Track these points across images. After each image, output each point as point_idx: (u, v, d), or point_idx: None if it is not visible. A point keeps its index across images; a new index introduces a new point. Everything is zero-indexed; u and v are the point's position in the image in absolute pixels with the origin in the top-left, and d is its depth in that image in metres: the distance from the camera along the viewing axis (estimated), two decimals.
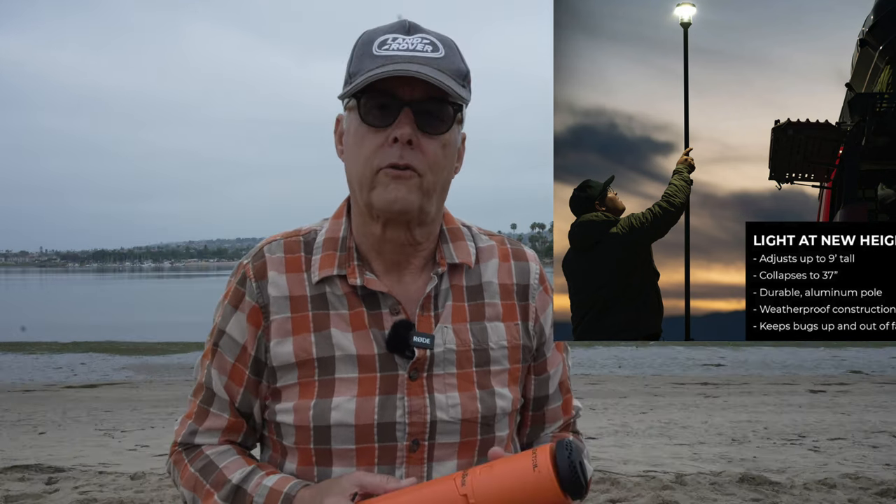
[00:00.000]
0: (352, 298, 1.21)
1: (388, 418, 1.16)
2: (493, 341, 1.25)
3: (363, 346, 1.19)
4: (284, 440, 1.21)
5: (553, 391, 1.36)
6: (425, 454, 1.18)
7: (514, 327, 1.28)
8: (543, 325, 1.32)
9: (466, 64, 1.21)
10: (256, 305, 1.22)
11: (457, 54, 1.19)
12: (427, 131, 1.15)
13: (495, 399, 1.22)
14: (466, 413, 1.19)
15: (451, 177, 1.23)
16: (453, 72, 1.16)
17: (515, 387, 1.27)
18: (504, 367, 1.25)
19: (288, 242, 1.26)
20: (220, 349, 1.25)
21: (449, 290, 1.25)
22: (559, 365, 1.37)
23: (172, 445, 1.30)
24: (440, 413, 1.18)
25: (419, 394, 1.18)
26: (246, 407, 1.25)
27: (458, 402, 1.19)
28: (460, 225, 1.32)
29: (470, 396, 1.20)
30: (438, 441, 1.19)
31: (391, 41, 1.15)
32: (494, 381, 1.23)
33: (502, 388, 1.24)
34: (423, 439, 1.18)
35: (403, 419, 1.17)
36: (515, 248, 1.34)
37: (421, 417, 1.17)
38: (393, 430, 1.16)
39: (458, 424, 1.19)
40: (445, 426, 1.18)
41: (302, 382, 1.19)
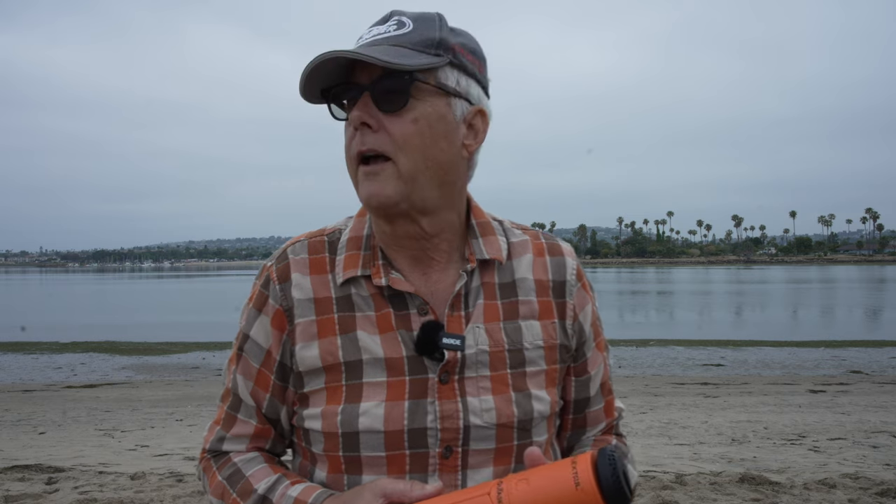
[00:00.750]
0: (378, 299, 1.16)
1: (418, 424, 1.11)
2: (528, 341, 1.18)
3: (391, 349, 1.13)
4: (313, 447, 1.18)
5: (594, 393, 1.30)
6: (459, 461, 1.13)
7: (551, 326, 1.21)
8: (583, 324, 1.25)
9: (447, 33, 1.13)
10: (280, 309, 1.18)
11: (433, 25, 1.12)
12: (386, 110, 1.08)
13: (532, 402, 1.16)
14: (502, 417, 1.13)
15: (443, 156, 1.13)
16: (417, 43, 1.09)
17: (553, 389, 1.21)
18: (541, 367, 1.19)
19: (312, 243, 1.22)
20: (244, 354, 1.21)
21: (480, 288, 1.19)
22: (600, 365, 1.30)
23: (201, 452, 1.28)
24: (474, 418, 1.12)
25: (451, 398, 1.12)
26: (273, 413, 1.21)
27: (493, 405, 1.13)
28: (491, 219, 1.26)
29: (505, 400, 1.14)
30: (472, 447, 1.13)
31: (366, 34, 1.13)
32: (531, 384, 1.17)
33: (539, 390, 1.17)
34: (457, 446, 1.12)
35: (435, 425, 1.11)
36: (551, 243, 1.28)
37: (453, 423, 1.11)
38: (424, 436, 1.11)
39: (494, 430, 1.13)
40: (480, 432, 1.12)
41: (329, 387, 1.14)
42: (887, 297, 42.27)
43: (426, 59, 1.09)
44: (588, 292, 1.28)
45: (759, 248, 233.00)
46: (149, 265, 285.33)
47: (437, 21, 1.13)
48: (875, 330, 23.23)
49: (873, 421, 7.84)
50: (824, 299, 39.70)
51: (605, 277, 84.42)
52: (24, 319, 26.98)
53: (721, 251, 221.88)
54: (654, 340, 19.09)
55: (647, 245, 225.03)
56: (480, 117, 1.18)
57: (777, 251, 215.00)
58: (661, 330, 22.86)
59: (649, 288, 55.86)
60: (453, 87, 1.13)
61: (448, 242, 1.19)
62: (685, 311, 32.71)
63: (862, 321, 26.82)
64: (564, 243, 1.30)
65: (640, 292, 49.22)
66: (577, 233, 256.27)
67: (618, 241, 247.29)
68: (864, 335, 20.33)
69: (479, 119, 1.18)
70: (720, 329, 22.71)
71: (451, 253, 1.20)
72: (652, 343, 18.60)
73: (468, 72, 1.15)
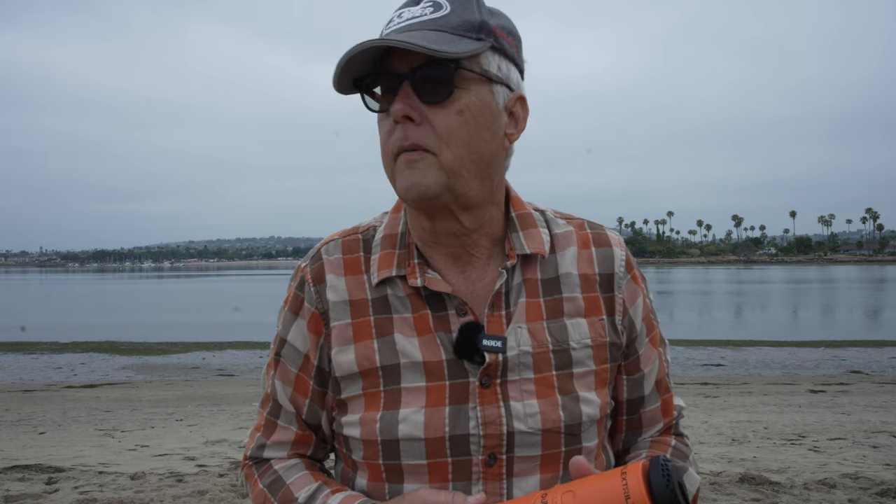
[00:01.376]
0: (415, 300, 1.11)
1: (460, 430, 1.06)
2: (575, 340, 1.12)
3: (430, 352, 1.08)
4: (353, 454, 1.14)
5: (649, 392, 1.22)
6: (504, 469, 1.07)
7: (599, 323, 1.14)
8: (633, 319, 1.19)
9: (487, 13, 1.06)
10: (316, 311, 1.14)
11: (470, 6, 1.05)
12: (428, 101, 1.02)
13: (580, 405, 1.10)
14: (547, 422, 1.07)
15: (489, 148, 1.07)
16: (457, 26, 1.02)
17: (604, 390, 1.14)
18: (589, 368, 1.12)
19: (346, 242, 1.18)
20: (282, 359, 1.18)
21: (522, 285, 1.12)
22: (655, 362, 1.23)
23: (243, 459, 1.25)
24: (518, 423, 1.06)
25: (493, 402, 1.07)
26: (313, 419, 1.18)
27: (538, 410, 1.07)
28: (532, 210, 1.19)
29: (550, 403, 1.08)
30: (518, 454, 1.07)
31: (396, 18, 1.06)
32: (578, 385, 1.11)
33: (588, 392, 1.11)
34: (501, 453, 1.07)
35: (477, 431, 1.06)
36: (597, 233, 1.20)
37: (496, 429, 1.06)
38: (466, 443, 1.06)
39: (539, 435, 1.07)
40: (524, 438, 1.07)
41: (367, 393, 1.10)
42: (887, 297, 42.26)
43: (470, 45, 1.02)
44: (639, 284, 1.21)
45: (759, 248, 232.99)
46: (149, 265, 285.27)
47: (474, 2, 1.06)
48: (875, 330, 23.23)
49: (873, 421, 7.84)
50: (824, 299, 39.69)
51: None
52: (24, 319, 26.97)
53: (721, 251, 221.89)
54: None
55: (647, 245, 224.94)
56: (521, 104, 1.13)
57: (777, 251, 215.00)
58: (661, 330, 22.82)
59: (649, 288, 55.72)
60: (496, 74, 1.07)
61: (488, 238, 1.14)
62: (685, 311, 32.69)
63: (862, 321, 26.81)
64: (613, 232, 1.22)
65: None
66: None
67: None
68: (864, 335, 20.32)
69: (519, 106, 1.12)
70: (720, 329, 22.69)
71: (491, 248, 1.15)
72: None
73: (508, 55, 1.09)
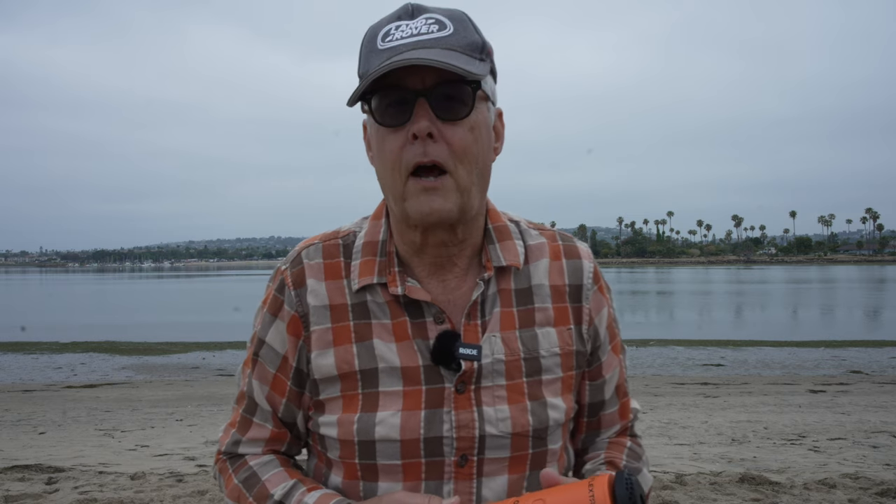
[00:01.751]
0: (394, 307, 1.15)
1: (434, 433, 1.11)
2: (545, 349, 1.17)
3: (407, 358, 1.13)
4: (329, 453, 1.18)
5: (609, 396, 1.28)
6: (474, 469, 1.12)
7: (567, 332, 1.19)
8: (598, 328, 1.24)
9: (482, 35, 1.10)
10: (296, 315, 1.16)
11: (469, 27, 1.09)
12: (448, 118, 1.05)
13: (547, 410, 1.15)
14: (517, 427, 1.13)
15: (489, 161, 1.13)
16: (466, 46, 1.06)
17: (569, 395, 1.20)
18: (556, 375, 1.17)
19: (326, 246, 1.20)
20: (260, 359, 1.20)
21: (496, 295, 1.17)
22: (616, 368, 1.28)
23: (217, 453, 1.27)
24: (489, 427, 1.11)
25: (467, 407, 1.12)
26: (289, 417, 1.21)
27: (508, 415, 1.12)
28: (507, 221, 1.23)
29: (520, 409, 1.13)
30: (488, 456, 1.12)
31: (394, 30, 1.07)
32: (546, 392, 1.16)
33: (555, 398, 1.16)
34: (472, 454, 1.12)
35: (451, 434, 1.11)
36: (567, 245, 1.25)
37: (469, 432, 1.11)
38: (440, 444, 1.11)
39: (509, 439, 1.13)
40: (495, 441, 1.12)
41: (345, 395, 1.14)
42: (887, 297, 42.25)
43: (483, 67, 1.07)
44: (604, 294, 1.27)
45: (759, 248, 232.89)
46: (149, 265, 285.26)
47: (470, 22, 1.10)
48: (875, 330, 23.22)
49: (873, 421, 7.84)
50: (824, 299, 39.68)
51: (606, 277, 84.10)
52: (24, 319, 26.97)
53: (721, 251, 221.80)
54: (654, 340, 19.08)
55: (647, 245, 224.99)
56: (501, 119, 1.18)
57: (777, 251, 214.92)
58: (661, 330, 22.84)
59: (649, 288, 55.83)
60: (491, 93, 1.12)
61: (472, 248, 1.18)
62: (685, 311, 32.70)
63: (862, 321, 26.80)
64: (582, 244, 1.27)
65: (640, 292, 49.20)
66: (577, 233, 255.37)
67: (618, 241, 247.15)
68: (864, 335, 20.32)
69: (500, 121, 1.18)
70: (720, 329, 22.69)
71: (470, 259, 1.19)
72: (652, 343, 18.59)
73: (494, 73, 1.14)
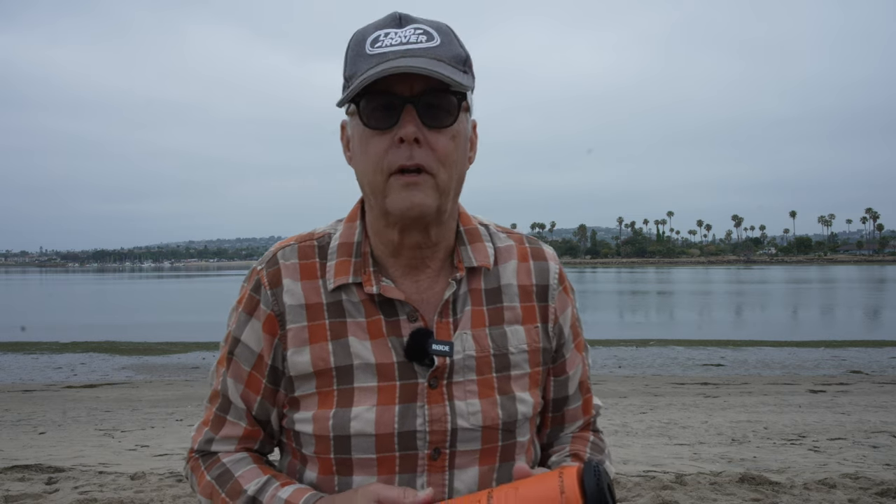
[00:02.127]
0: (368, 306, 1.19)
1: (408, 427, 1.14)
2: (513, 345, 1.22)
3: (382, 355, 1.16)
4: (304, 449, 1.20)
5: (573, 392, 1.34)
6: (447, 462, 1.16)
7: (534, 330, 1.25)
8: (563, 326, 1.30)
9: (466, 48, 1.16)
10: (272, 314, 1.19)
11: (454, 40, 1.14)
12: (433, 126, 1.10)
13: (516, 404, 1.20)
14: (487, 420, 1.17)
15: (465, 169, 1.19)
16: (451, 58, 1.11)
17: (536, 390, 1.25)
18: (524, 371, 1.23)
19: (302, 247, 1.24)
20: (235, 357, 1.23)
21: (467, 295, 1.22)
22: (579, 365, 1.34)
23: (189, 451, 1.29)
24: (461, 421, 1.16)
25: (439, 402, 1.16)
26: (263, 415, 1.24)
27: (479, 409, 1.17)
28: (478, 224, 1.29)
29: (490, 403, 1.18)
30: (460, 449, 1.17)
31: (383, 37, 1.11)
32: (515, 386, 1.21)
33: (523, 392, 1.22)
34: (445, 447, 1.16)
35: (424, 428, 1.15)
36: (535, 248, 1.31)
37: (441, 426, 1.15)
38: (413, 438, 1.15)
39: (479, 432, 1.17)
40: (466, 434, 1.16)
41: (320, 392, 1.17)
42: (887, 297, 42.26)
43: (469, 79, 1.13)
44: (569, 295, 1.33)
45: (759, 248, 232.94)
46: (149, 265, 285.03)
47: (454, 35, 1.15)
48: (875, 330, 23.23)
49: (873, 421, 7.84)
50: (824, 299, 39.70)
51: (605, 277, 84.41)
52: (24, 319, 26.99)
53: (721, 251, 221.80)
54: (654, 340, 19.09)
55: (647, 245, 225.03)
56: (475, 130, 1.24)
57: (777, 251, 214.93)
58: (661, 330, 22.85)
59: (649, 288, 55.84)
60: (471, 104, 1.18)
61: (445, 250, 1.23)
62: (685, 311, 32.70)
63: (862, 321, 26.81)
64: (548, 248, 1.34)
65: (640, 292, 49.21)
66: (577, 233, 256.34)
67: (618, 241, 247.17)
68: (864, 335, 20.32)
69: (474, 132, 1.23)
70: (720, 329, 22.70)
71: (443, 260, 1.23)
72: (652, 343, 18.60)
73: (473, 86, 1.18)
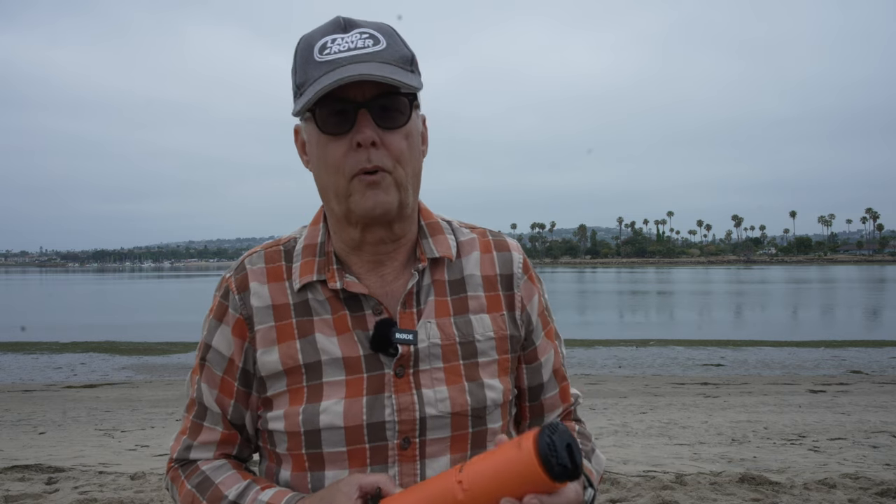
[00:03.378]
0: (334, 302, 1.21)
1: (376, 418, 1.16)
2: (480, 333, 1.24)
3: (348, 349, 1.18)
4: (277, 448, 1.22)
5: (547, 379, 1.35)
6: (417, 451, 1.17)
7: (500, 318, 1.27)
8: (530, 314, 1.31)
9: (410, 48, 1.19)
10: (241, 317, 1.22)
11: (398, 41, 1.17)
12: (387, 127, 1.14)
13: (485, 390, 1.21)
14: (455, 406, 1.18)
15: (420, 163, 1.23)
16: (398, 60, 1.15)
17: (506, 377, 1.26)
18: (492, 357, 1.24)
19: (268, 253, 1.27)
20: (207, 363, 1.26)
21: (431, 286, 1.24)
22: (551, 352, 1.35)
23: (168, 462, 1.30)
24: (429, 408, 1.17)
25: (406, 390, 1.17)
26: (238, 419, 1.26)
27: (447, 395, 1.18)
28: (439, 219, 1.32)
29: (458, 389, 1.19)
30: (429, 437, 1.18)
31: (330, 43, 1.14)
32: (483, 373, 1.22)
33: (492, 379, 1.23)
34: (414, 436, 1.17)
35: (393, 417, 1.16)
36: (497, 240, 1.33)
37: (410, 415, 1.16)
38: (383, 429, 1.16)
39: (448, 418, 1.18)
40: (435, 421, 1.17)
41: (291, 389, 1.19)
42: (887, 297, 42.28)
43: (417, 79, 1.17)
44: (535, 284, 1.34)
45: (759, 248, 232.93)
46: (149, 265, 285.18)
47: (398, 35, 1.19)
48: (875, 330, 23.24)
49: (873, 421, 7.84)
50: (824, 299, 39.71)
51: (605, 277, 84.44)
52: (24, 319, 26.99)
53: (721, 251, 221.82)
54: (654, 340, 19.09)
55: (647, 245, 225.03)
56: (424, 124, 1.27)
57: (777, 251, 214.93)
58: (661, 330, 22.86)
59: (649, 288, 55.85)
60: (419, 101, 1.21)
61: (408, 244, 1.26)
62: (685, 311, 32.71)
63: (862, 321, 26.81)
64: (511, 239, 1.36)
65: (640, 292, 49.23)
66: (577, 233, 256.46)
67: (618, 241, 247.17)
68: (864, 335, 20.33)
69: (424, 126, 1.27)
70: (720, 329, 22.71)
71: (408, 254, 1.26)
72: (652, 343, 18.60)
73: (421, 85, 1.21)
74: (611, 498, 4.59)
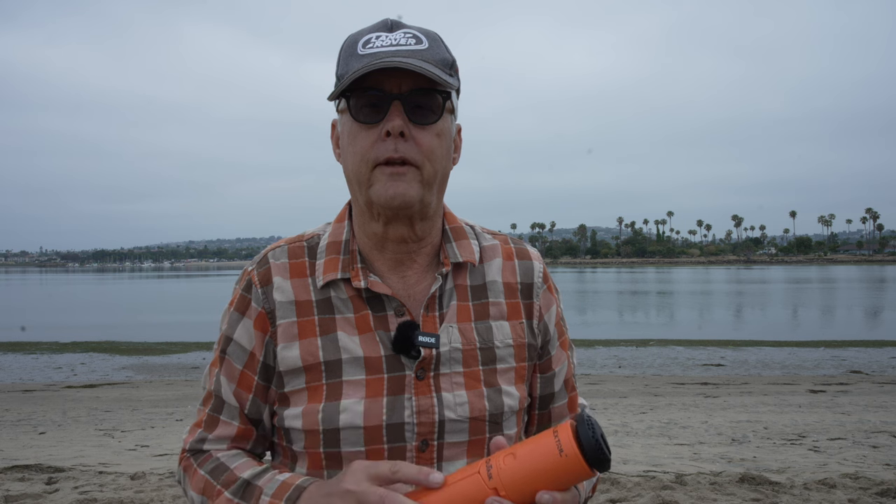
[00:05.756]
0: (357, 301, 1.21)
1: (396, 419, 1.16)
2: (499, 340, 1.25)
3: (370, 349, 1.18)
4: (294, 445, 1.21)
5: (559, 389, 1.36)
6: (435, 454, 1.18)
7: (519, 326, 1.28)
8: (548, 323, 1.32)
9: (452, 54, 1.21)
10: (263, 311, 1.22)
11: (441, 45, 1.20)
12: (419, 122, 1.15)
13: (502, 397, 1.22)
14: (474, 411, 1.19)
15: (449, 168, 1.24)
16: (439, 61, 1.16)
17: (522, 385, 1.27)
18: (510, 365, 1.25)
19: (292, 248, 1.27)
20: (228, 356, 1.25)
21: (453, 290, 1.25)
22: (564, 363, 1.37)
23: (181, 453, 1.29)
24: (448, 412, 1.18)
25: (426, 393, 1.18)
26: (255, 413, 1.25)
27: (466, 400, 1.19)
28: (463, 224, 1.32)
29: (477, 394, 1.20)
30: (447, 440, 1.18)
31: (374, 39, 1.16)
32: (501, 380, 1.23)
33: (509, 386, 1.24)
34: (433, 439, 1.17)
35: (412, 419, 1.16)
36: (519, 248, 1.35)
37: (429, 417, 1.17)
38: (402, 430, 1.16)
39: (467, 423, 1.19)
40: (454, 425, 1.18)
41: (310, 387, 1.18)
42: (887, 297, 42.25)
43: (454, 81, 1.18)
44: (553, 294, 1.35)
45: (759, 248, 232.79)
46: (149, 265, 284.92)
47: (442, 41, 1.21)
48: (875, 330, 23.23)
49: (873, 421, 7.84)
50: (824, 299, 39.69)
51: (605, 277, 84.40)
52: (24, 319, 26.99)
53: (721, 251, 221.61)
54: (654, 340, 19.10)
55: (647, 245, 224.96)
56: (459, 133, 1.29)
57: (777, 251, 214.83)
58: (661, 330, 22.86)
59: (649, 288, 55.83)
60: (455, 106, 1.23)
61: (431, 247, 1.27)
62: (685, 311, 32.70)
63: (862, 321, 26.80)
64: (532, 248, 1.37)
65: (640, 292, 49.21)
66: (577, 233, 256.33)
67: (618, 241, 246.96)
68: (864, 335, 20.32)
69: (458, 135, 1.29)
70: (720, 329, 22.70)
71: (431, 257, 1.27)
72: (652, 343, 18.60)
73: (458, 91, 1.24)
74: (611, 498, 4.58)
